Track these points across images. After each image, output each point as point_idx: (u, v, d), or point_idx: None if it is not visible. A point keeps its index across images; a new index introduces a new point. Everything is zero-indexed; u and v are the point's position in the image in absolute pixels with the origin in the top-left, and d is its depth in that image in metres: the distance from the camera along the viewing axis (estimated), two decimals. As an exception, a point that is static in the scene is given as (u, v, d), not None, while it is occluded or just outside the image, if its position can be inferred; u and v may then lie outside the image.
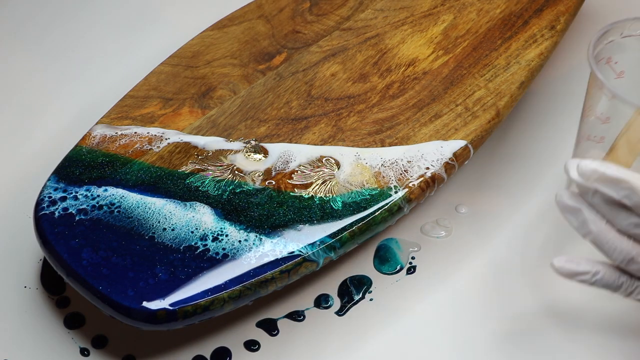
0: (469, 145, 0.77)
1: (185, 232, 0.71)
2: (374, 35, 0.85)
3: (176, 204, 0.73)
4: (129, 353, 0.72)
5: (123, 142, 0.77)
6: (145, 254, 0.70)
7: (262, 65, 0.83)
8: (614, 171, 0.62)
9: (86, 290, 0.69)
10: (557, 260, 0.65)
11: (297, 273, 0.71)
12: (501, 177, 0.82)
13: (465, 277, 0.76)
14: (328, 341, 0.73)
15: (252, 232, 0.72)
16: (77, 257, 0.70)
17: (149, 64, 0.84)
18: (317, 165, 0.76)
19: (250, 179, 0.75)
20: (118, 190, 0.74)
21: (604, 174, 0.63)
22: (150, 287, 0.68)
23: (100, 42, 0.93)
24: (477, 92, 0.80)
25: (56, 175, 0.75)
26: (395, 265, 0.77)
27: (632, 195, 0.62)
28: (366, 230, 0.73)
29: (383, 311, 0.74)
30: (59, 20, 0.95)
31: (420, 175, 0.75)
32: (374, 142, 0.77)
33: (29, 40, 0.93)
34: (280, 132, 0.78)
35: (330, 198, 0.74)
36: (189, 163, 0.76)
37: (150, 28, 0.94)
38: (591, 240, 0.64)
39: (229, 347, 0.72)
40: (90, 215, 0.72)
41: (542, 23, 0.85)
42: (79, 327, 0.73)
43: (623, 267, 0.64)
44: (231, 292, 0.69)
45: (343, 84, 0.82)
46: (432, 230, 0.79)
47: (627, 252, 0.63)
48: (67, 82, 0.90)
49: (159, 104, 0.80)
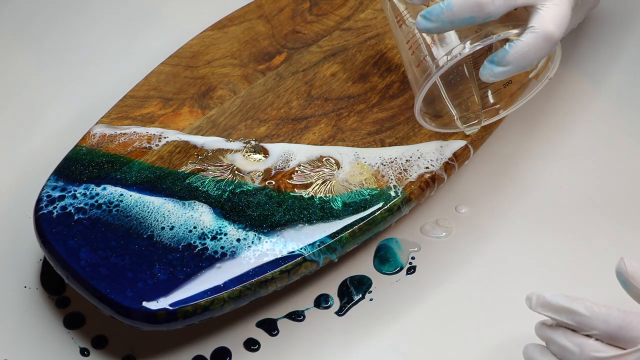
0: (469, 145, 0.77)
1: (183, 231, 0.71)
2: (374, 35, 0.85)
3: (175, 202, 0.73)
4: (129, 353, 0.72)
5: (123, 142, 0.77)
6: (144, 253, 0.70)
7: (262, 65, 0.83)
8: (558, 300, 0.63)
9: (86, 291, 0.69)
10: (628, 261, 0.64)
11: (297, 273, 0.71)
12: (501, 177, 0.82)
13: (465, 277, 0.76)
14: (328, 341, 0.73)
15: (251, 231, 0.72)
16: (76, 257, 0.70)
17: (149, 64, 0.84)
18: (317, 165, 0.76)
19: (250, 179, 0.75)
20: (117, 189, 0.74)
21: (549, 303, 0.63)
22: (150, 287, 0.68)
23: (100, 42, 0.93)
24: (477, 92, 0.80)
25: (56, 175, 0.75)
26: (395, 265, 0.77)
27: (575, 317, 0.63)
28: (366, 230, 0.73)
29: (383, 311, 0.74)
30: (59, 20, 0.95)
31: (420, 175, 0.75)
32: (374, 142, 0.77)
33: (29, 40, 0.93)
34: (280, 132, 0.78)
35: (330, 198, 0.74)
36: (189, 163, 0.76)
37: (150, 28, 0.94)
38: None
39: (229, 347, 0.72)
40: (89, 214, 0.72)
41: (542, 23, 0.85)
42: (79, 327, 0.73)
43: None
44: (231, 292, 0.69)
45: (343, 84, 0.82)
46: (432, 230, 0.79)
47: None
48: (67, 82, 0.90)
49: (159, 104, 0.80)
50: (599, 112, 0.86)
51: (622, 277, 0.63)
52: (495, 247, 0.78)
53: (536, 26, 0.68)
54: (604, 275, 0.69)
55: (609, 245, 0.77)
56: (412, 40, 0.72)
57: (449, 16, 0.68)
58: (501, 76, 0.69)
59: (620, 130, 0.85)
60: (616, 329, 0.61)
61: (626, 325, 0.61)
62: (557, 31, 0.69)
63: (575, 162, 0.83)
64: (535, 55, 0.69)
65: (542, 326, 0.64)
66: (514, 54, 0.68)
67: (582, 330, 0.62)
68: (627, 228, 0.78)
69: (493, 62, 0.69)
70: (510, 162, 0.83)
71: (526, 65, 0.69)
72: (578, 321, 0.62)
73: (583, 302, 0.62)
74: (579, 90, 0.88)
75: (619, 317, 0.61)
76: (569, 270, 0.76)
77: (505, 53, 0.68)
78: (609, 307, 0.62)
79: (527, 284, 0.75)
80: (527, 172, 0.82)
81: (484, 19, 0.68)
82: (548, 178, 0.82)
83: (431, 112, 0.76)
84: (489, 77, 0.69)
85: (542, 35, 0.68)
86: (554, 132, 0.85)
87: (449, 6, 0.68)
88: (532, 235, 0.78)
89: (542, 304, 0.63)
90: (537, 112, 0.86)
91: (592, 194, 0.81)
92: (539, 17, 0.69)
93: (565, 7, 0.69)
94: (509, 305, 0.73)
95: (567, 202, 0.80)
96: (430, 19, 0.68)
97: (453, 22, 0.68)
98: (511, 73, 0.69)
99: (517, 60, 0.68)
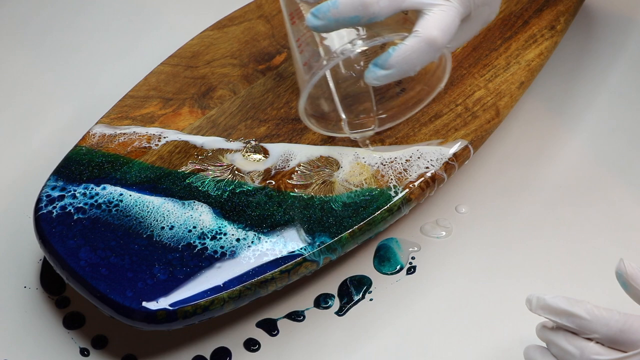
0: (469, 145, 0.77)
1: (183, 231, 0.71)
2: (374, 35, 0.85)
3: (174, 202, 0.73)
4: (129, 353, 0.72)
5: (123, 142, 0.77)
6: (144, 253, 0.70)
7: (262, 65, 0.83)
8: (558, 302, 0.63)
9: (86, 291, 0.69)
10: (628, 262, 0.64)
11: (297, 273, 0.71)
12: (501, 177, 0.82)
13: (465, 277, 0.76)
14: (328, 341, 0.73)
15: (251, 230, 0.72)
16: (76, 257, 0.70)
17: (149, 64, 0.84)
18: (316, 165, 0.76)
19: (250, 179, 0.75)
20: (116, 189, 0.74)
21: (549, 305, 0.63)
22: (149, 287, 0.68)
23: (100, 42, 0.93)
24: (477, 92, 0.80)
25: (56, 175, 0.75)
26: (395, 265, 0.77)
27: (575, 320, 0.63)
28: (366, 230, 0.73)
29: (383, 311, 0.74)
30: (59, 21, 0.95)
31: (420, 175, 0.75)
32: (374, 142, 0.77)
33: (29, 40, 0.93)
34: (280, 132, 0.78)
35: (330, 198, 0.74)
36: (189, 163, 0.76)
37: (150, 28, 0.94)
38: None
39: (229, 347, 0.72)
40: (89, 214, 0.72)
41: (542, 23, 0.85)
42: (79, 327, 0.73)
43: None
44: (231, 292, 0.69)
45: (343, 84, 0.82)
46: (432, 230, 0.79)
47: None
48: (67, 82, 0.90)
49: (159, 104, 0.80)
50: (599, 113, 0.86)
51: (622, 278, 0.63)
52: (496, 247, 0.78)
53: (420, 31, 0.68)
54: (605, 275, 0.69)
55: (610, 245, 0.77)
56: (302, 39, 0.72)
57: (335, 14, 0.68)
58: (384, 79, 0.69)
59: (620, 131, 0.85)
60: (617, 333, 0.61)
61: (627, 328, 0.61)
62: (440, 37, 0.68)
63: (575, 163, 0.83)
64: (418, 60, 0.68)
65: (543, 328, 0.64)
66: (396, 57, 0.68)
67: (582, 333, 0.62)
68: (629, 229, 0.78)
69: (377, 64, 0.69)
70: (510, 162, 0.83)
71: (409, 69, 0.69)
72: (579, 325, 0.62)
73: (584, 305, 0.62)
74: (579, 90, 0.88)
75: (620, 320, 0.61)
76: (570, 270, 0.76)
77: (389, 56, 0.68)
78: (610, 311, 0.62)
79: (527, 283, 0.75)
80: (527, 172, 0.82)
81: (368, 19, 0.68)
82: (548, 178, 0.82)
83: (318, 113, 0.76)
84: (372, 80, 0.69)
85: (424, 39, 0.68)
86: (554, 133, 0.85)
87: (335, 4, 0.68)
88: (532, 235, 0.78)
89: (542, 307, 0.63)
90: (537, 112, 0.86)
91: (593, 195, 0.81)
92: (424, 22, 0.68)
93: (453, 14, 0.69)
94: (509, 305, 0.73)
95: (567, 202, 0.80)
96: (318, 16, 0.68)
97: (338, 20, 0.68)
98: (394, 77, 0.69)
99: (399, 64, 0.68)
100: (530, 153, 0.83)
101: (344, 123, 0.76)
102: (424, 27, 0.68)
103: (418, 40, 0.68)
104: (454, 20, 0.69)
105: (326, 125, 0.76)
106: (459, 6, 0.69)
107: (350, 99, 0.76)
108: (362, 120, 0.76)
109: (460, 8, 0.69)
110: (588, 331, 0.61)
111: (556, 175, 0.82)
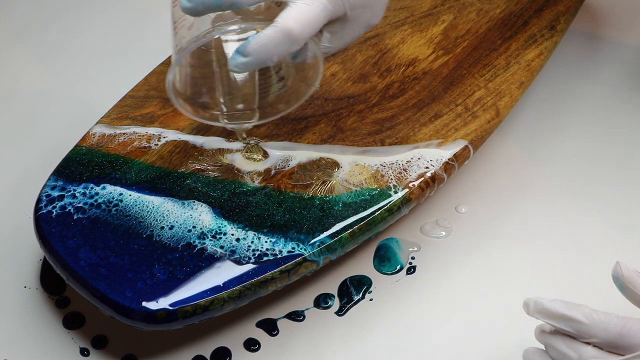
0: (469, 145, 0.77)
1: (183, 231, 0.71)
2: (374, 35, 0.85)
3: (174, 202, 0.73)
4: (129, 353, 0.72)
5: (123, 142, 0.77)
6: (144, 253, 0.70)
7: (261, 65, 0.83)
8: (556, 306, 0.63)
9: (86, 291, 0.69)
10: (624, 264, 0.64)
11: (297, 273, 0.71)
12: (501, 177, 0.82)
13: (465, 277, 0.76)
14: (328, 341, 0.73)
15: (251, 230, 0.72)
16: (76, 257, 0.70)
17: (149, 64, 0.84)
18: (316, 165, 0.76)
19: (250, 179, 0.75)
20: (116, 189, 0.74)
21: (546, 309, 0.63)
22: (149, 287, 0.68)
23: (100, 42, 0.93)
24: (477, 92, 0.80)
25: (56, 175, 0.75)
26: (395, 265, 0.77)
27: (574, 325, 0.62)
28: (366, 230, 0.73)
29: (383, 311, 0.74)
30: (59, 20, 0.95)
31: (420, 175, 0.75)
32: (374, 142, 0.77)
33: (29, 40, 0.93)
34: (280, 132, 0.78)
35: (330, 198, 0.74)
36: (189, 163, 0.76)
37: (150, 28, 0.94)
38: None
39: (229, 347, 0.72)
40: (88, 213, 0.72)
41: (542, 23, 0.85)
42: (79, 327, 0.73)
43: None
44: (231, 292, 0.69)
45: (343, 84, 0.82)
46: (432, 230, 0.79)
47: None
48: (67, 82, 0.90)
49: (159, 104, 0.80)
50: (599, 113, 0.86)
51: (618, 281, 0.63)
52: (495, 247, 0.78)
53: (279, 21, 0.68)
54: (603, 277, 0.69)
55: (609, 246, 0.77)
56: (179, 22, 0.73)
57: None
58: (243, 67, 0.69)
59: (620, 131, 0.85)
60: (616, 337, 0.61)
61: (626, 332, 0.61)
62: (298, 28, 0.68)
63: (575, 163, 0.83)
64: (274, 49, 0.69)
65: (542, 332, 0.64)
66: (253, 45, 0.68)
67: (581, 337, 0.61)
68: (628, 230, 0.78)
69: (238, 52, 0.69)
70: (510, 162, 0.83)
71: (265, 58, 0.69)
72: (577, 329, 0.61)
73: (582, 309, 0.62)
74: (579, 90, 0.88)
75: (618, 324, 0.61)
76: (568, 270, 0.76)
77: (247, 44, 0.69)
78: (608, 314, 0.61)
79: (527, 284, 0.75)
80: (527, 172, 0.82)
81: (231, 4, 0.68)
82: (548, 178, 0.82)
83: (199, 98, 0.76)
84: (233, 67, 0.69)
85: (281, 30, 0.68)
86: (554, 133, 0.85)
87: None
88: (532, 236, 0.78)
89: (540, 311, 0.63)
90: (537, 112, 0.86)
91: (592, 195, 0.81)
92: (285, 13, 0.69)
93: (317, 10, 0.69)
94: (508, 306, 0.73)
95: (567, 203, 0.80)
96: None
97: (204, 3, 0.68)
98: (252, 65, 0.69)
99: (257, 52, 0.68)
100: (530, 153, 0.83)
101: (221, 112, 0.76)
102: (283, 17, 0.68)
103: (275, 30, 0.68)
104: (317, 16, 0.69)
105: (203, 114, 0.75)
106: (327, 4, 0.69)
107: (234, 90, 0.76)
108: (242, 112, 0.76)
109: (328, 6, 0.70)
110: (586, 335, 0.61)
111: (556, 175, 0.82)
